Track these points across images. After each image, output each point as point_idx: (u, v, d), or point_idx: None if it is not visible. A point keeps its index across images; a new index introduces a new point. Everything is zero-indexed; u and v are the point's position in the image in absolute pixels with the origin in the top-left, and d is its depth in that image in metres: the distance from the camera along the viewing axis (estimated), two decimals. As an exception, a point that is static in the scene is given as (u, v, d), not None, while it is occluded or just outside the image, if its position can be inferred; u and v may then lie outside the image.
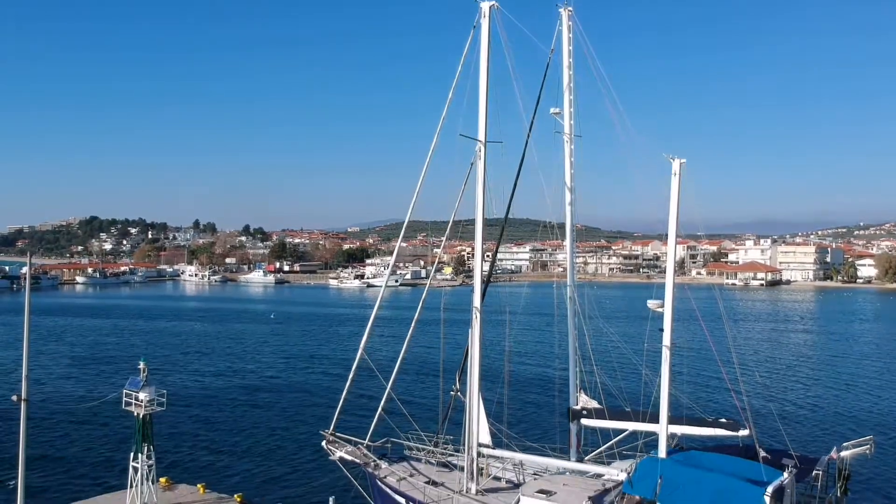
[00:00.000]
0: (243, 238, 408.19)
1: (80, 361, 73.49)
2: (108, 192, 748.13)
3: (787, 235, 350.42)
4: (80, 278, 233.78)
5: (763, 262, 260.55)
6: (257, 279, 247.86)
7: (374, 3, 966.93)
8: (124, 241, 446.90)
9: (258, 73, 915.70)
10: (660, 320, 24.90)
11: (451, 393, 31.96)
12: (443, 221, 32.23)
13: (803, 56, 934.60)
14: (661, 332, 24.53)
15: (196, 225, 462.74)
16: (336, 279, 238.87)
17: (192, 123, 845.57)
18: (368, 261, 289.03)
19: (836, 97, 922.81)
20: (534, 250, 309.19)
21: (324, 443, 31.69)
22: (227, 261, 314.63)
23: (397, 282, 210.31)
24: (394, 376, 31.78)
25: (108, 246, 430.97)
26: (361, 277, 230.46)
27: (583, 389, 31.50)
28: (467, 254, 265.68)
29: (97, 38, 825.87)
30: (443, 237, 37.24)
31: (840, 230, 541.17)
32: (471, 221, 29.48)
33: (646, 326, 27.42)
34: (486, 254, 31.85)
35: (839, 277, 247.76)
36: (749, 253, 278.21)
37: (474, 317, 29.02)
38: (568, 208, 31.97)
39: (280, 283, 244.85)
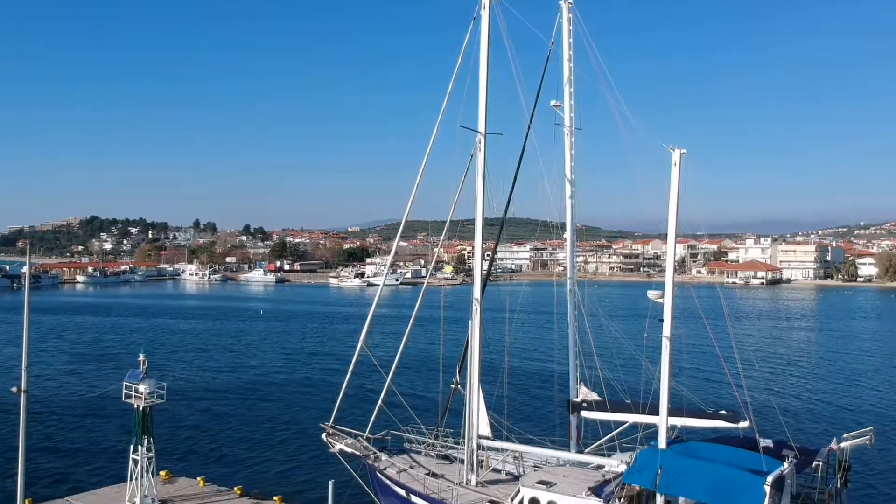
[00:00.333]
0: (244, 238, 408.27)
1: (81, 358, 73.56)
2: (108, 191, 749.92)
3: (788, 235, 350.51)
4: (80, 277, 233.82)
5: (763, 261, 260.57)
6: (258, 278, 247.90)
7: (374, 2, 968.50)
8: (125, 241, 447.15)
9: (258, 73, 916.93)
10: (660, 311, 24.89)
11: (452, 386, 31.97)
12: (443, 221, 32.23)
13: (803, 56, 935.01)
14: (661, 322, 24.51)
15: (196, 225, 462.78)
16: (336, 278, 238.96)
17: (192, 123, 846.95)
18: (369, 260, 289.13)
19: (836, 97, 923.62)
20: (534, 249, 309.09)
21: (324, 435, 31.67)
22: (228, 260, 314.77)
23: (397, 280, 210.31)
24: (393, 369, 31.77)
25: (108, 246, 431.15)
26: (362, 276, 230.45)
27: (583, 382, 31.48)
28: (467, 253, 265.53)
29: (97, 38, 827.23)
30: (442, 247, 37.21)
31: (840, 230, 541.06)
32: (471, 221, 29.50)
33: (646, 321, 27.42)
34: (486, 253, 31.78)
35: (839, 276, 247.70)
36: (749, 252, 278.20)
37: (474, 308, 29.04)
38: (568, 201, 31.96)
39: (280, 281, 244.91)
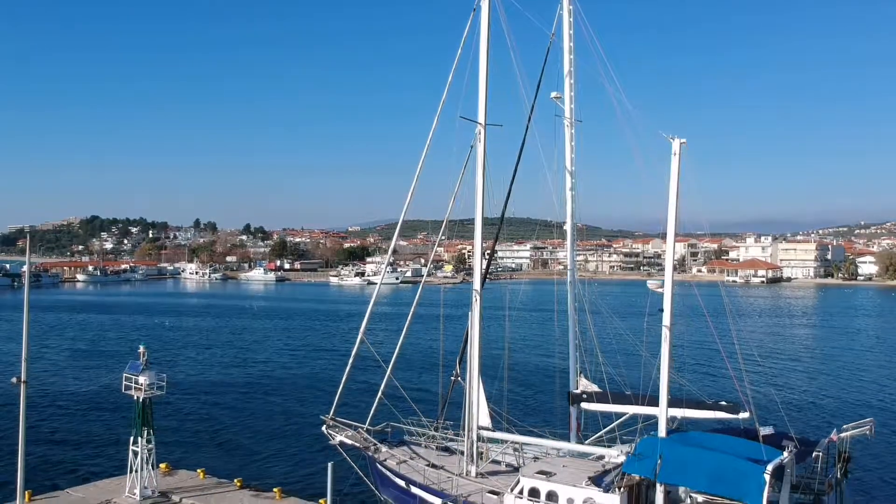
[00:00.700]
0: (244, 237, 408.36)
1: (82, 354, 73.61)
2: (108, 191, 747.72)
3: (789, 234, 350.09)
4: (80, 276, 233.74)
5: (764, 260, 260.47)
6: (258, 277, 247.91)
7: (374, 2, 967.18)
8: (125, 241, 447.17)
9: (259, 73, 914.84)
10: (660, 301, 24.86)
11: (452, 378, 31.96)
12: (444, 221, 32.20)
13: (804, 55, 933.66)
14: (661, 312, 24.47)
15: (197, 224, 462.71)
16: (336, 277, 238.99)
17: (192, 123, 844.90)
18: (369, 259, 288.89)
19: (836, 97, 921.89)
20: (534, 248, 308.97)
21: (324, 427, 31.67)
22: (228, 259, 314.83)
23: (398, 279, 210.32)
24: (393, 361, 31.78)
25: (108, 245, 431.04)
26: (362, 275, 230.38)
27: (583, 374, 31.46)
28: (468, 252, 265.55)
29: (97, 38, 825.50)
30: (443, 237, 37.14)
31: (841, 229, 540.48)
32: (471, 220, 29.47)
33: (646, 311, 27.38)
34: (485, 252, 31.72)
35: (840, 275, 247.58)
36: (750, 250, 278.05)
37: (474, 300, 29.03)
38: (569, 193, 31.93)
39: (280, 280, 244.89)
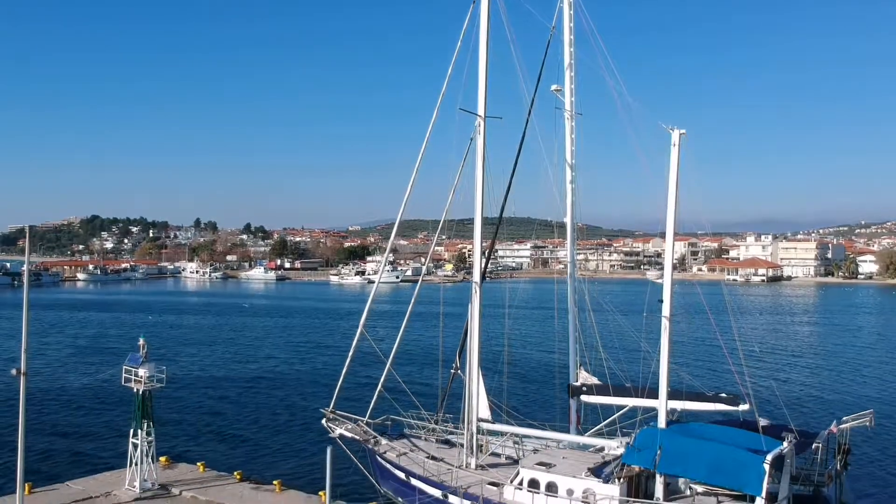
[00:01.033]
0: (244, 236, 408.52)
1: (83, 351, 73.86)
2: (109, 191, 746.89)
3: (789, 233, 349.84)
4: (80, 275, 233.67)
5: (764, 259, 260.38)
6: (258, 276, 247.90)
7: (374, 2, 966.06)
8: (125, 240, 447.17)
9: (259, 73, 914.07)
10: (659, 292, 24.86)
11: (452, 371, 31.99)
12: (443, 221, 32.26)
13: (805, 55, 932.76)
14: (661, 303, 24.47)
15: (197, 224, 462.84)
16: (337, 275, 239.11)
17: (193, 123, 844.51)
18: (369, 258, 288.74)
19: (837, 96, 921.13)
20: (535, 247, 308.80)
21: (324, 420, 31.69)
22: (228, 258, 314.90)
23: (398, 278, 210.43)
24: (393, 353, 31.82)
25: (109, 245, 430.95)
26: (362, 274, 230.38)
27: (582, 366, 31.47)
28: (468, 251, 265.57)
29: (98, 38, 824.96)
30: (443, 237, 37.22)
31: (841, 229, 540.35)
32: (471, 220, 29.49)
33: (645, 303, 27.38)
34: (485, 250, 31.71)
35: (840, 273, 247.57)
36: (750, 249, 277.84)
37: (473, 291, 29.05)
38: (569, 187, 31.96)
39: (281, 279, 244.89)
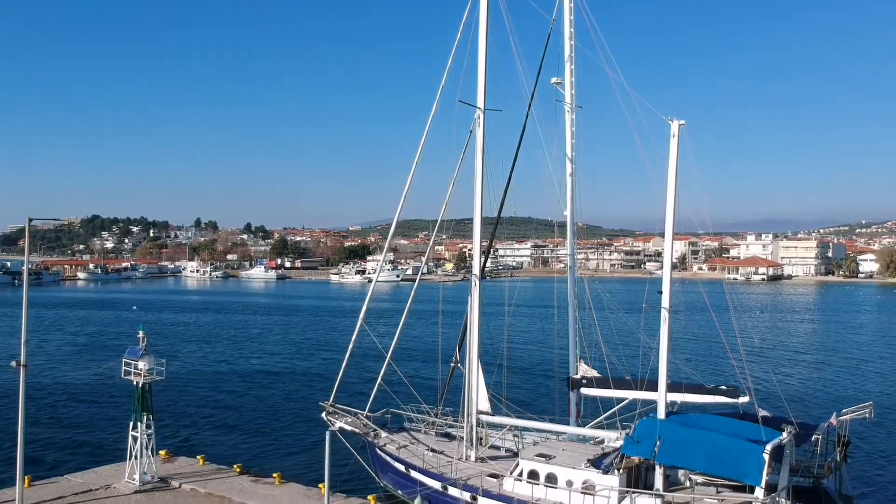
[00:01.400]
0: (245, 236, 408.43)
1: (83, 347, 73.96)
2: (109, 191, 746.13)
3: (790, 233, 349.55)
4: (81, 274, 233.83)
5: (765, 258, 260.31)
6: (258, 275, 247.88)
7: (375, 5, 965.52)
8: (126, 240, 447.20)
9: (259, 73, 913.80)
10: (659, 283, 24.85)
11: (451, 364, 32.00)
12: (443, 221, 32.29)
13: (805, 54, 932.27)
14: (660, 294, 24.45)
15: (197, 223, 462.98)
16: (337, 274, 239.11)
17: (193, 123, 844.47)
18: (370, 257, 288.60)
19: (837, 96, 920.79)
20: (535, 246, 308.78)
21: (323, 414, 31.68)
22: (229, 258, 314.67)
23: (398, 277, 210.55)
24: (392, 347, 31.85)
25: (109, 244, 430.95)
26: (362, 273, 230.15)
27: (582, 359, 31.47)
28: (468, 251, 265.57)
29: (98, 37, 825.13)
30: (444, 237, 37.27)
31: (842, 228, 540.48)
32: (472, 220, 29.49)
33: (647, 313, 27.44)
34: (485, 249, 31.71)
35: (840, 272, 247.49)
36: (751, 248, 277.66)
37: (473, 283, 29.04)
38: (569, 179, 31.95)
39: (281, 278, 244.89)
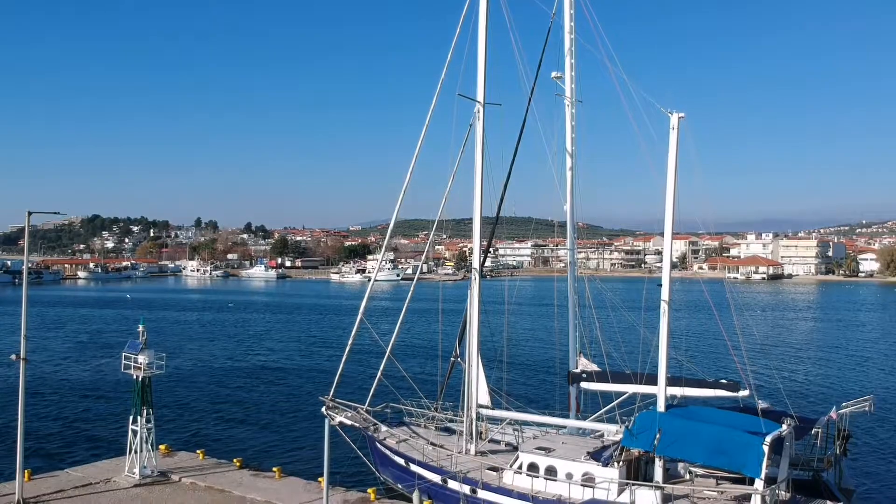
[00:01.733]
0: (245, 235, 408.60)
1: (83, 345, 74.11)
2: (109, 190, 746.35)
3: (790, 232, 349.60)
4: (81, 273, 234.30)
5: (765, 257, 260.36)
6: (259, 274, 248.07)
7: (376, 13, 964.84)
8: (126, 240, 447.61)
9: (260, 73, 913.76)
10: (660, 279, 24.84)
11: (451, 359, 32.00)
12: (443, 221, 32.30)
13: (806, 55, 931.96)
14: (660, 286, 24.46)
15: (198, 223, 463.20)
16: (338, 274, 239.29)
17: (193, 123, 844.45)
18: (370, 256, 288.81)
19: (838, 96, 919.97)
20: (535, 246, 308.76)
21: (323, 408, 31.67)
22: (229, 257, 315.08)
23: (398, 276, 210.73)
24: (392, 341, 31.89)
25: (110, 244, 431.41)
26: (363, 272, 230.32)
27: (582, 353, 31.47)
28: (468, 250, 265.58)
29: (98, 37, 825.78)
30: (444, 237, 37.34)
31: (843, 228, 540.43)
32: (471, 219, 29.50)
33: (647, 312, 27.47)
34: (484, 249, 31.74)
35: (841, 271, 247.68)
36: (751, 247, 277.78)
37: (473, 277, 29.05)
38: (569, 173, 31.95)
39: (282, 277, 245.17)
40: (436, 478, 26.54)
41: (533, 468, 24.65)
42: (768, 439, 21.79)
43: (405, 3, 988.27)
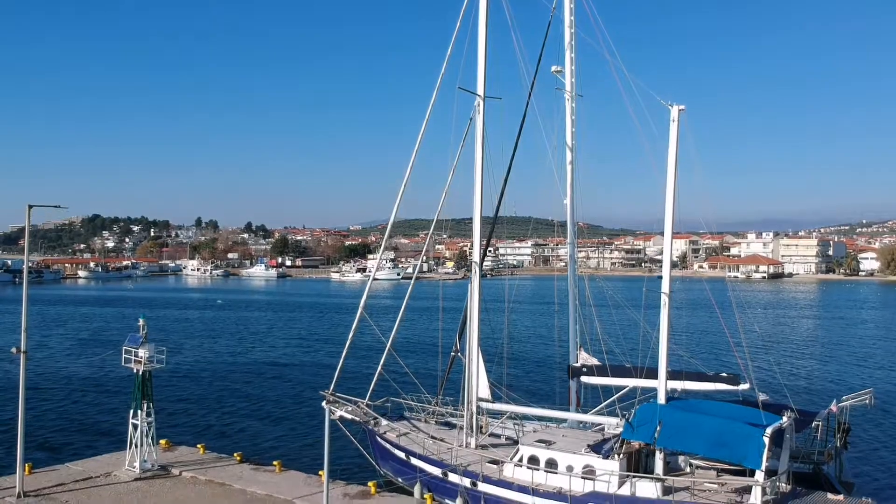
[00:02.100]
0: (245, 235, 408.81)
1: (84, 342, 74.22)
2: (110, 190, 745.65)
3: (791, 231, 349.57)
4: (82, 272, 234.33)
5: (765, 256, 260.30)
6: (259, 273, 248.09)
7: (375, 7, 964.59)
8: (127, 239, 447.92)
9: (260, 73, 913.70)
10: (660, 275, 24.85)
11: (451, 353, 32.02)
12: (443, 221, 32.32)
13: (806, 55, 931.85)
14: (660, 279, 24.47)
15: (198, 223, 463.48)
16: (338, 273, 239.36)
17: (194, 123, 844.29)
18: (370, 256, 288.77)
19: (838, 96, 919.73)
20: (536, 245, 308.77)
21: (324, 403, 31.62)
22: (230, 256, 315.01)
23: (399, 275, 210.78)
24: (392, 335, 31.87)
25: (110, 244, 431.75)
26: (363, 271, 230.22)
27: (582, 347, 31.47)
28: (468, 250, 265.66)
29: (99, 37, 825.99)
30: (444, 236, 37.35)
31: (843, 227, 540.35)
32: (471, 219, 29.49)
33: (647, 309, 27.45)
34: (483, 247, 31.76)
35: (841, 270, 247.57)
36: (751, 247, 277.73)
37: (473, 272, 29.05)
38: (569, 168, 31.95)
39: (282, 276, 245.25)
40: (436, 471, 26.55)
41: (533, 461, 24.65)
42: (769, 431, 21.79)
43: (405, 3, 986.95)
